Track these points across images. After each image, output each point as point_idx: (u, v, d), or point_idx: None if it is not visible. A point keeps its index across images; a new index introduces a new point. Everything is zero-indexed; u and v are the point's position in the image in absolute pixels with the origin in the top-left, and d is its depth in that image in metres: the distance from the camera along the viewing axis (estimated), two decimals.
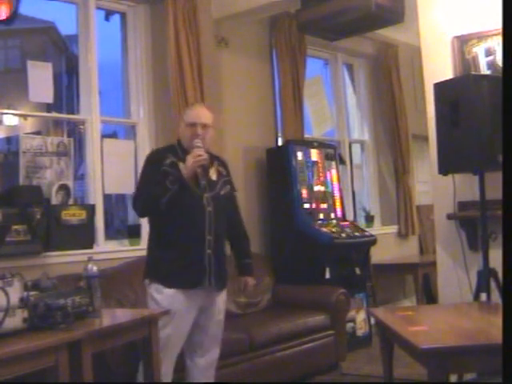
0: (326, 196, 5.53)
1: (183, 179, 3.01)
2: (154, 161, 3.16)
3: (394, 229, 6.92)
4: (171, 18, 4.64)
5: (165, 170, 3.05)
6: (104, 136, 4.62)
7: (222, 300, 3.26)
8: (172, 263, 3.08)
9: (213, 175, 3.21)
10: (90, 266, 2.79)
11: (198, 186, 3.10)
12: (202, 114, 3.22)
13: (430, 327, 2.87)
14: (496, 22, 3.54)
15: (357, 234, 5.39)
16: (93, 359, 2.42)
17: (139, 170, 3.52)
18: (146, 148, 4.63)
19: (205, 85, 4.82)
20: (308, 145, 5.53)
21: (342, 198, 5.71)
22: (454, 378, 3.41)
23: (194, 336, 3.19)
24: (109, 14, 4.86)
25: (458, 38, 4.00)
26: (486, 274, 3.54)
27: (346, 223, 5.53)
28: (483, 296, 3.53)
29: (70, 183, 4.29)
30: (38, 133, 9.68)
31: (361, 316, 5.28)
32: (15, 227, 3.70)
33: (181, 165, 3.06)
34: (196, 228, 3.07)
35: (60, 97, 12.03)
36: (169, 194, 2.97)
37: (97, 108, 4.50)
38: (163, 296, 3.04)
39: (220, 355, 3.33)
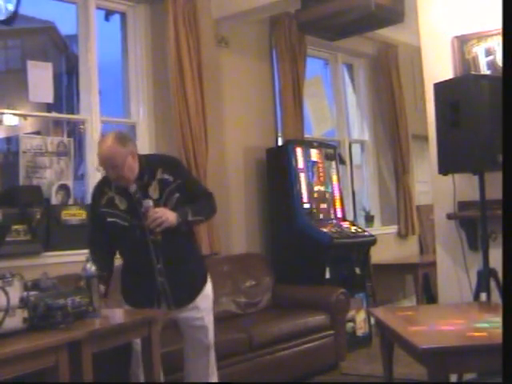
0: (326, 196, 5.53)
1: (120, 218, 3.02)
2: (94, 203, 3.17)
3: (393, 229, 6.92)
4: (171, 18, 4.64)
5: (103, 212, 3.06)
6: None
7: (195, 305, 3.13)
8: (130, 289, 3.14)
9: (154, 193, 3.03)
10: (88, 265, 2.78)
11: (137, 216, 3.00)
12: (105, 157, 2.96)
13: (430, 327, 2.87)
14: (496, 21, 3.54)
15: (357, 234, 5.39)
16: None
17: None
18: (145, 148, 4.63)
19: (205, 85, 4.82)
20: (308, 145, 5.53)
21: (341, 198, 5.71)
22: (454, 377, 3.41)
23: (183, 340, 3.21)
24: (109, 14, 4.86)
25: (457, 38, 4.00)
26: (486, 274, 3.54)
27: (346, 223, 5.54)
28: (483, 296, 3.53)
29: (70, 183, 4.29)
30: (37, 133, 9.70)
31: (361, 316, 5.28)
32: (15, 227, 3.70)
33: (117, 199, 3.04)
34: (142, 259, 3.03)
35: (60, 97, 12.03)
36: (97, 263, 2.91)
37: (97, 108, 4.51)
38: None
39: (220, 355, 3.33)
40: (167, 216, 2.93)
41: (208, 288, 3.22)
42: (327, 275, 4.97)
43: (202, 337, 3.15)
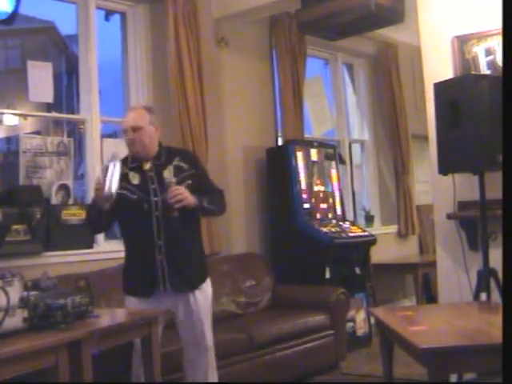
0: (326, 196, 5.53)
1: (129, 191, 3.05)
2: None
3: (393, 229, 6.92)
4: (171, 18, 4.64)
5: None
6: (104, 136, 4.63)
7: (193, 301, 3.12)
8: (129, 272, 3.17)
9: (168, 175, 3.10)
10: (111, 164, 2.89)
11: (147, 191, 3.07)
12: (130, 117, 3.12)
13: (430, 327, 2.87)
14: (496, 21, 3.54)
15: (357, 233, 5.39)
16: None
17: None
18: None
19: (205, 85, 4.82)
20: (308, 145, 5.53)
21: (341, 197, 5.71)
22: (453, 377, 3.41)
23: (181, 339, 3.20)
24: (109, 14, 4.86)
25: (457, 37, 4.00)
26: (486, 274, 3.54)
27: (346, 223, 5.53)
28: (483, 296, 3.54)
29: (70, 183, 4.29)
30: (37, 133, 9.69)
31: (361, 316, 5.28)
32: (15, 227, 3.70)
33: (131, 175, 3.10)
34: (144, 235, 3.06)
35: (60, 97, 12.03)
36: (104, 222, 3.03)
37: (97, 108, 4.50)
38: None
39: (220, 355, 3.33)
40: (186, 195, 2.99)
41: (208, 287, 3.22)
42: (327, 275, 4.97)
43: (200, 338, 3.14)
